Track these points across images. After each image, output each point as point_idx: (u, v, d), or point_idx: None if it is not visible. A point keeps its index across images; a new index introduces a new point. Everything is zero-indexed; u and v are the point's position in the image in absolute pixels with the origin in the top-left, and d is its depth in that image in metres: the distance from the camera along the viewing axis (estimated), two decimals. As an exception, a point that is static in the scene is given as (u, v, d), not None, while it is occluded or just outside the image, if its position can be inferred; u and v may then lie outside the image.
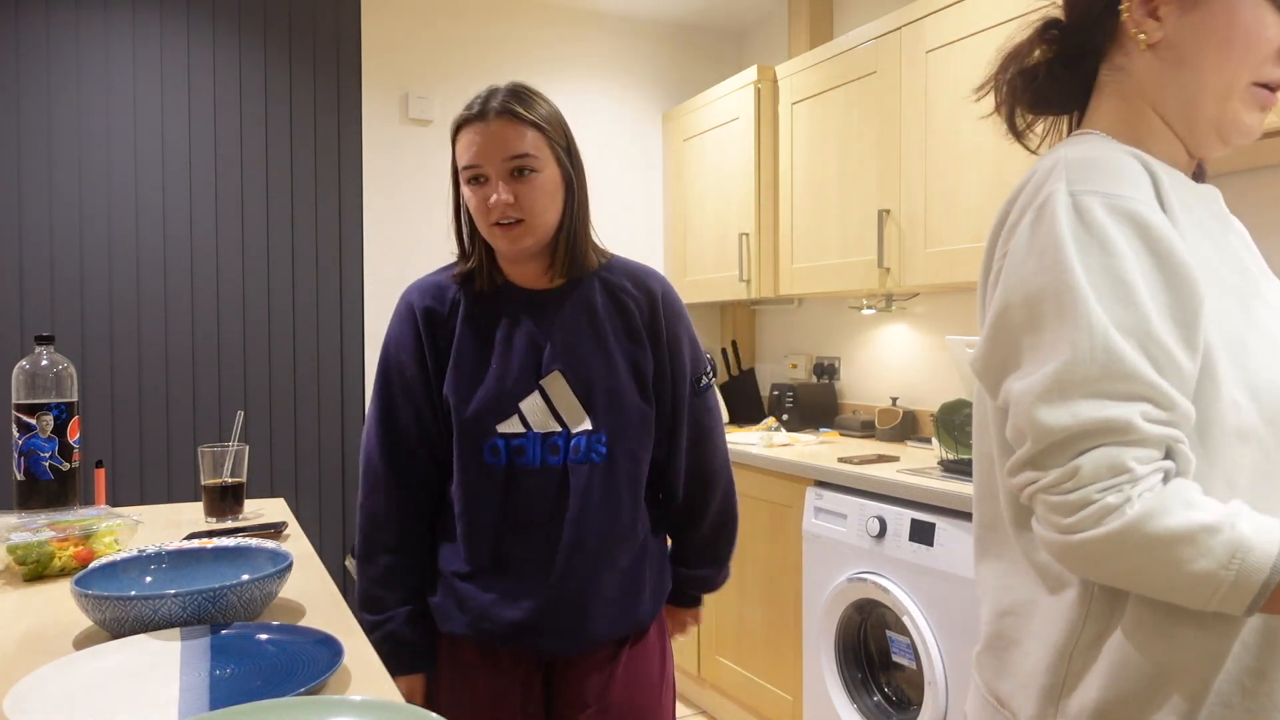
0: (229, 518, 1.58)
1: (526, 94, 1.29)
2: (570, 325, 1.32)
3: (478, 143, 1.25)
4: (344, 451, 3.19)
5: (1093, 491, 0.72)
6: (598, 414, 1.29)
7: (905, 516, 2.09)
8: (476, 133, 1.26)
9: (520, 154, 1.25)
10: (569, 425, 1.29)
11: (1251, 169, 2.05)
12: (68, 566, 1.22)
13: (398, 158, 3.26)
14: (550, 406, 1.29)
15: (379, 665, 0.90)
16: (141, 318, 2.91)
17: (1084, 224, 0.77)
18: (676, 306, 1.39)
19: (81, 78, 2.82)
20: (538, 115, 1.27)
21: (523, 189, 1.25)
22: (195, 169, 2.97)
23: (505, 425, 1.28)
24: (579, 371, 1.30)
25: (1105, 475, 0.72)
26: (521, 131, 1.25)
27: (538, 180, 1.26)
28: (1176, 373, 0.74)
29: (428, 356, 1.32)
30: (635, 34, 3.69)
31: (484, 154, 1.25)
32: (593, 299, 1.34)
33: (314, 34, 3.12)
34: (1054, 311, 0.76)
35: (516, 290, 1.34)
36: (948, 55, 2.36)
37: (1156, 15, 0.85)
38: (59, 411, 1.53)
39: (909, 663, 2.10)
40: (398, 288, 3.25)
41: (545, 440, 1.28)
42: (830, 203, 2.82)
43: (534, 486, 1.28)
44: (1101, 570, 0.74)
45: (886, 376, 3.10)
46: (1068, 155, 0.82)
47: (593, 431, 1.29)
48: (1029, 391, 0.76)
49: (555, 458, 1.28)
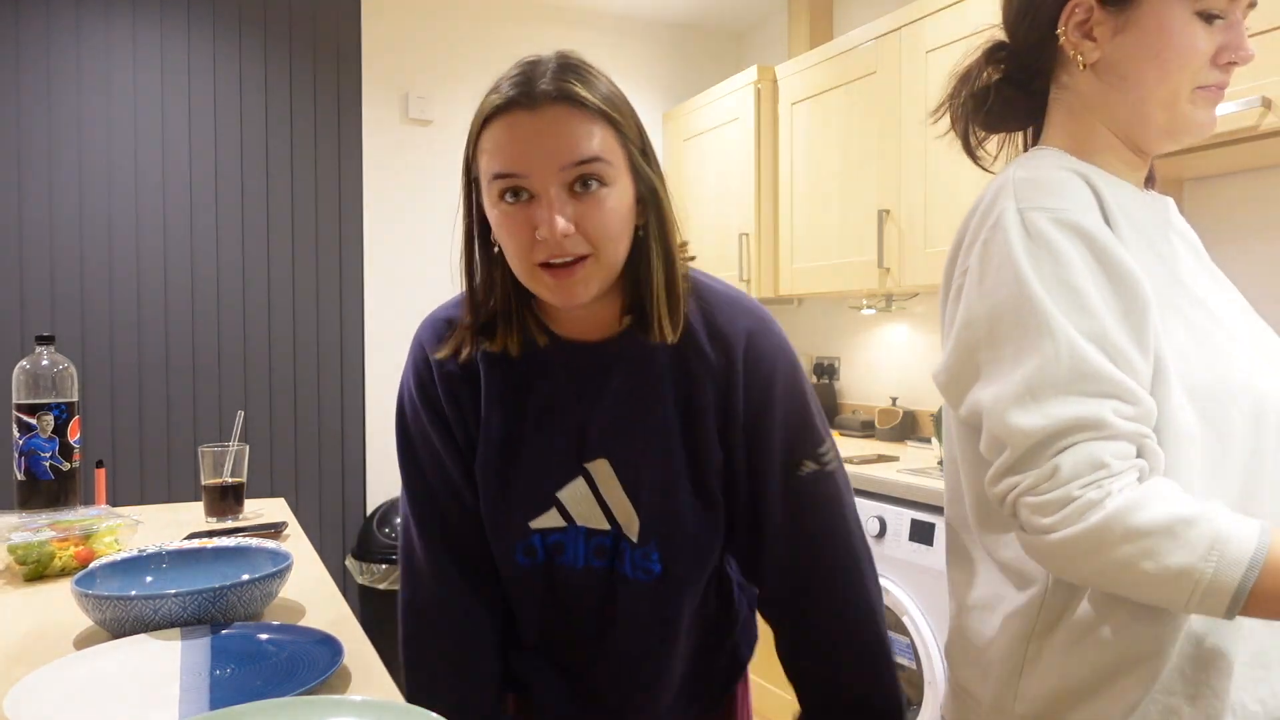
0: (229, 518, 1.58)
1: (584, 69, 0.87)
2: (625, 397, 0.97)
3: (520, 141, 0.85)
4: (344, 451, 3.19)
5: (1073, 489, 0.74)
6: (645, 521, 0.98)
7: (905, 516, 2.09)
8: (518, 126, 0.85)
9: (587, 158, 0.85)
10: (620, 524, 0.99)
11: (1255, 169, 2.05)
12: (68, 566, 1.22)
13: (398, 158, 3.26)
14: (598, 497, 0.99)
15: (379, 665, 0.90)
16: (142, 318, 2.91)
17: (1033, 238, 0.80)
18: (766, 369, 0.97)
19: (81, 78, 2.82)
20: (604, 100, 0.87)
21: (589, 210, 0.86)
22: (195, 169, 2.97)
23: (540, 520, 1.00)
24: (628, 465, 0.97)
25: (1085, 471, 0.74)
26: (587, 125, 0.85)
27: (609, 197, 0.86)
28: (1134, 373, 0.77)
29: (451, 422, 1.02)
30: (635, 34, 3.69)
31: (530, 158, 0.84)
32: (659, 363, 0.96)
33: (314, 34, 3.12)
34: (1015, 323, 0.78)
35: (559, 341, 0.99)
36: (948, 55, 2.36)
37: (1092, 36, 0.88)
38: (59, 411, 1.53)
39: (909, 663, 2.10)
40: (397, 287, 3.26)
41: (589, 538, 1.00)
42: (830, 203, 2.82)
43: (578, 590, 1.02)
44: (1082, 567, 0.75)
45: (886, 376, 3.10)
46: (1015, 176, 0.85)
47: (637, 545, 0.99)
48: (1000, 399, 0.78)
49: (601, 561, 1.00)
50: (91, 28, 2.82)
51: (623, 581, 1.00)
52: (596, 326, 0.98)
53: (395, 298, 3.26)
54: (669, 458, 0.97)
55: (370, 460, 3.23)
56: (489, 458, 1.00)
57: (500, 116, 0.87)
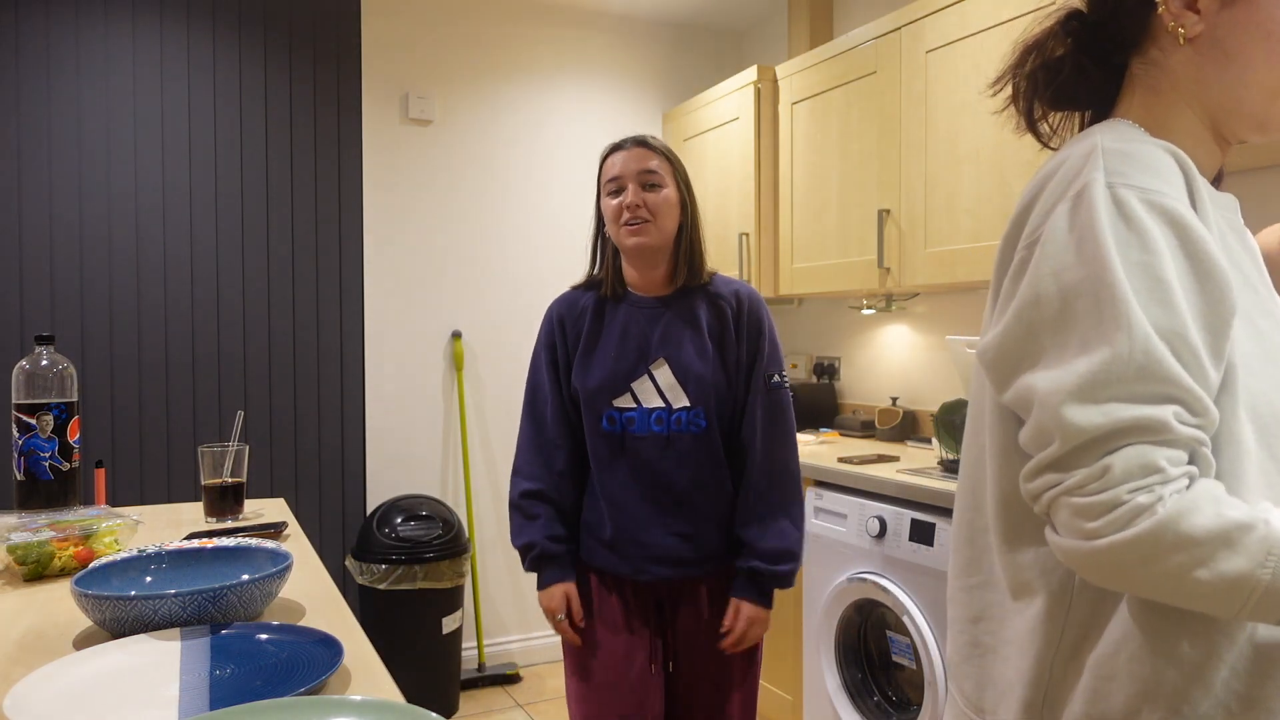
0: (229, 518, 1.58)
1: (653, 137, 1.69)
2: (675, 325, 1.65)
3: (619, 161, 1.63)
4: (344, 451, 3.19)
5: (1123, 492, 0.69)
6: (693, 395, 1.61)
7: (905, 516, 2.09)
8: (618, 155, 1.64)
9: (649, 170, 1.61)
10: (670, 403, 1.62)
11: (1256, 169, 2.05)
12: (68, 566, 1.22)
13: (398, 158, 3.26)
14: (656, 387, 1.62)
15: (379, 665, 0.90)
16: (141, 317, 2.91)
17: (1123, 218, 0.73)
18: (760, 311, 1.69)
19: (81, 77, 2.82)
20: (662, 147, 1.66)
21: (650, 196, 1.61)
22: (195, 169, 2.97)
23: (620, 400, 1.63)
24: (680, 362, 1.62)
25: (1136, 475, 0.69)
26: (650, 154, 1.63)
27: (662, 193, 1.62)
28: (1205, 381, 0.71)
29: (558, 351, 1.70)
30: (635, 34, 3.69)
31: (623, 169, 1.62)
32: (696, 305, 1.66)
33: (314, 34, 3.12)
34: (1090, 308, 0.72)
35: (635, 297, 1.68)
36: (948, 55, 2.36)
37: (1195, 8, 0.80)
38: (59, 411, 1.53)
39: (909, 663, 2.10)
40: (398, 287, 3.26)
41: (651, 414, 1.62)
42: (830, 203, 2.82)
43: (644, 447, 1.61)
44: (1130, 577, 0.70)
45: (886, 376, 3.10)
46: (1104, 144, 0.77)
47: (690, 407, 1.61)
48: (1058, 390, 0.72)
49: (659, 427, 1.62)
50: (91, 28, 2.82)
51: (679, 438, 1.62)
52: (656, 286, 1.69)
53: (395, 297, 3.26)
54: (705, 354, 1.63)
55: (370, 460, 3.23)
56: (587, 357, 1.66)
57: (613, 153, 1.66)
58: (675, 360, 1.62)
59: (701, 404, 1.61)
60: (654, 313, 1.66)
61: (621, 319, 1.67)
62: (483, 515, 3.41)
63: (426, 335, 3.31)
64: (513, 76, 3.45)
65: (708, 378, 1.62)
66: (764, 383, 1.65)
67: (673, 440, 1.62)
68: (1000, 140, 2.21)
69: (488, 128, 3.41)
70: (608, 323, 1.67)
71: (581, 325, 1.68)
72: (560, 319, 1.71)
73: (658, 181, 1.62)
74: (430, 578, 2.90)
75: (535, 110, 3.49)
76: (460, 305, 3.36)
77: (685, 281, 1.67)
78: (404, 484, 3.29)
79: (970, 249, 2.30)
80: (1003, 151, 2.20)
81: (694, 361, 1.62)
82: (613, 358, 1.64)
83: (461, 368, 3.35)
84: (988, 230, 2.25)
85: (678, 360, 1.62)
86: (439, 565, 2.92)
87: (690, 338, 1.64)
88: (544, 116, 3.50)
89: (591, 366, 1.65)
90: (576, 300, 1.71)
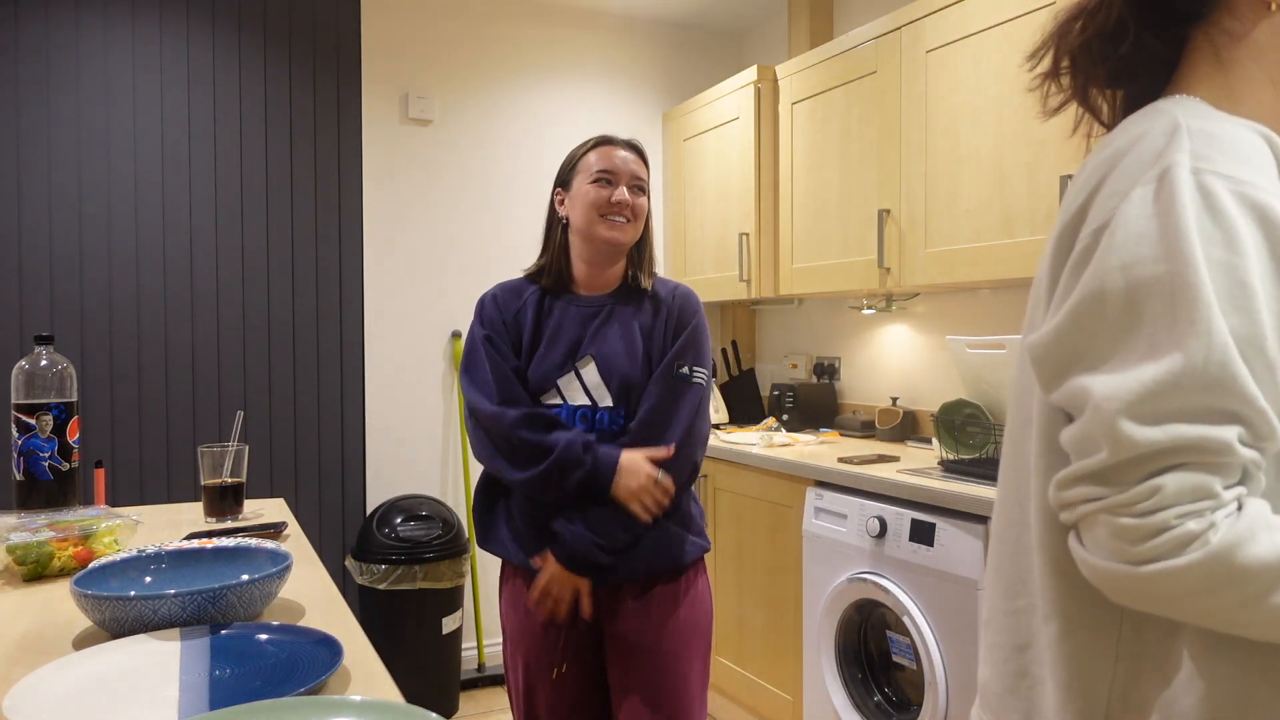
0: (229, 518, 1.58)
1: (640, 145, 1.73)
2: (609, 324, 1.65)
3: (617, 157, 1.65)
4: (344, 451, 3.18)
5: (1171, 516, 0.62)
6: (616, 394, 1.61)
7: (905, 516, 2.08)
8: (615, 151, 1.66)
9: (640, 179, 1.68)
10: (596, 401, 1.61)
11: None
12: (67, 566, 1.22)
13: (398, 158, 3.26)
14: (582, 385, 1.62)
15: (379, 665, 0.90)
16: (141, 317, 2.91)
17: (1209, 211, 0.65)
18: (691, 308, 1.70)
19: (81, 78, 2.82)
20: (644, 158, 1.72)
21: (636, 200, 1.67)
22: (195, 168, 2.97)
23: (546, 397, 1.62)
24: (606, 359, 1.63)
25: (1188, 498, 0.63)
26: (643, 165, 1.70)
27: (644, 200, 1.69)
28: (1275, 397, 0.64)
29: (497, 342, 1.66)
30: (635, 34, 3.68)
31: (619, 167, 1.65)
32: (634, 306, 1.68)
33: (314, 34, 3.11)
34: (1164, 309, 0.64)
35: (575, 295, 1.70)
36: (948, 55, 2.36)
37: None
38: (58, 411, 1.53)
39: (909, 663, 2.10)
40: (397, 287, 3.26)
41: (575, 411, 1.61)
42: (830, 203, 2.82)
43: None
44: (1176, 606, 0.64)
45: (886, 376, 3.10)
46: (1188, 123, 0.69)
47: (613, 408, 1.62)
48: (1115, 396, 0.65)
49: (583, 425, 1.61)
50: (91, 28, 2.82)
51: (602, 436, 1.61)
52: (604, 284, 1.70)
53: (395, 297, 3.26)
54: (634, 354, 1.64)
55: (370, 460, 3.23)
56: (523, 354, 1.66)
57: (606, 145, 1.68)
58: (602, 359, 1.63)
59: (625, 404, 1.61)
60: (591, 311, 1.67)
61: (558, 315, 1.67)
62: (483, 515, 3.40)
63: (426, 335, 3.31)
64: (513, 76, 3.44)
65: (634, 377, 1.62)
66: (669, 369, 1.62)
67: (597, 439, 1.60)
68: (1000, 140, 2.21)
69: (488, 128, 3.40)
70: (544, 318, 1.68)
71: (524, 320, 1.68)
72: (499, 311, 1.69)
73: (643, 188, 1.69)
74: (430, 578, 2.90)
75: (535, 110, 3.49)
76: (460, 305, 3.35)
77: (634, 283, 1.69)
78: (404, 484, 3.29)
79: (970, 249, 2.30)
80: (1003, 151, 2.20)
81: (620, 360, 1.62)
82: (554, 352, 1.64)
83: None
84: (988, 230, 2.25)
85: (604, 359, 1.63)
86: (439, 565, 2.92)
87: (621, 336, 1.64)
88: (544, 116, 3.50)
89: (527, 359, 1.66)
90: (518, 289, 1.72)
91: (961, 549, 1.94)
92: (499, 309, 1.69)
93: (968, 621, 1.92)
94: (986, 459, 2.12)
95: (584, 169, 1.66)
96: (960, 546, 1.94)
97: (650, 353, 1.65)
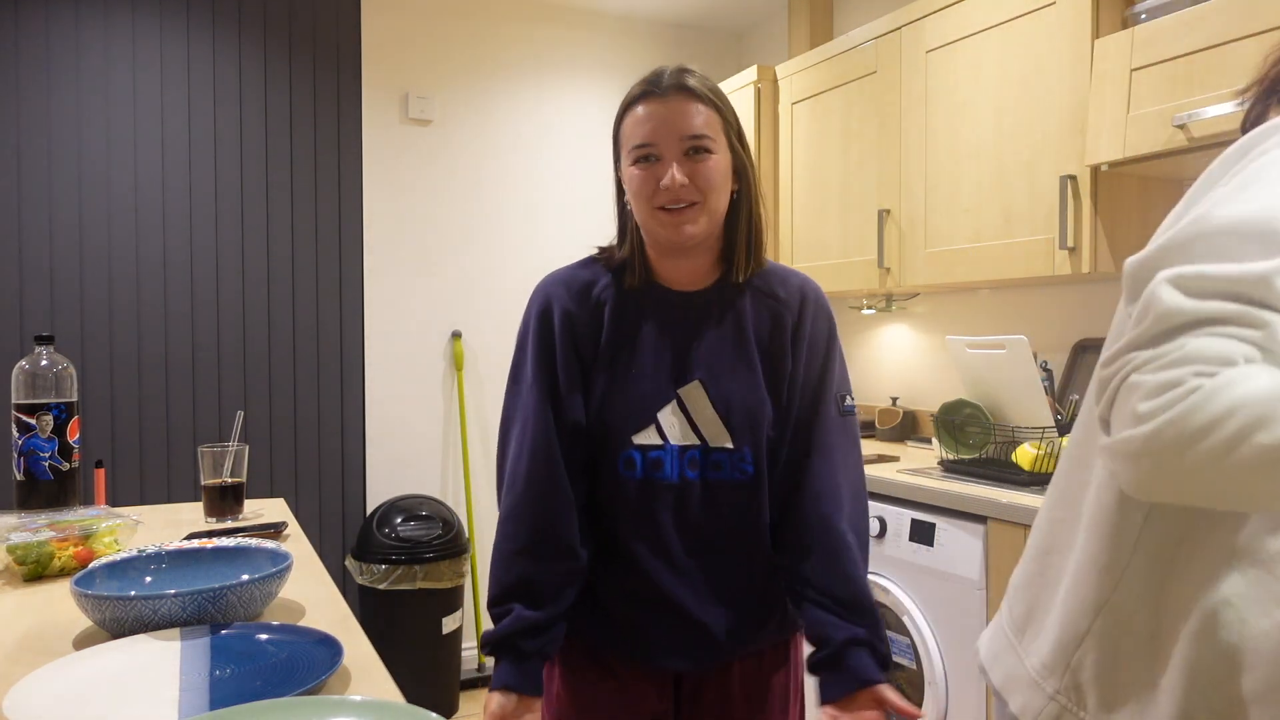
0: (229, 518, 1.58)
1: (696, 71, 1.19)
2: (716, 333, 1.23)
3: (653, 119, 1.16)
4: (344, 451, 3.18)
5: (1187, 372, 0.60)
6: (737, 432, 1.20)
7: (905, 516, 2.09)
8: (650, 109, 1.16)
9: (697, 134, 1.15)
10: (707, 439, 1.20)
11: None
12: (68, 566, 1.22)
13: (398, 158, 3.26)
14: (688, 418, 1.20)
15: (379, 665, 0.90)
16: (141, 317, 2.91)
17: None
18: (827, 312, 1.28)
19: (81, 78, 2.82)
20: (709, 90, 1.18)
21: (698, 169, 1.16)
22: (195, 169, 2.97)
23: (642, 436, 1.20)
24: (720, 385, 1.20)
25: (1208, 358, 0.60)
26: (698, 109, 1.16)
27: (713, 162, 1.16)
28: None
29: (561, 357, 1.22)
30: (635, 34, 3.68)
31: (658, 131, 1.15)
32: (742, 306, 1.24)
33: (314, 34, 3.12)
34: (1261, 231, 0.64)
35: (663, 290, 1.24)
36: (948, 55, 2.36)
37: None
38: (59, 411, 1.53)
39: (909, 663, 2.10)
40: (398, 287, 3.26)
41: (682, 454, 1.19)
42: (830, 203, 2.82)
43: (675, 501, 1.19)
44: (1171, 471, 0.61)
45: (886, 376, 3.10)
46: None
47: (732, 450, 1.20)
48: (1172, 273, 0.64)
49: (694, 472, 1.20)
50: (91, 28, 2.82)
51: (718, 487, 1.20)
52: (693, 278, 1.25)
53: (395, 297, 3.26)
54: (753, 375, 1.21)
55: (370, 460, 3.23)
56: (601, 376, 1.21)
57: (639, 103, 1.18)
58: (714, 382, 1.20)
59: (749, 443, 1.20)
60: (689, 315, 1.23)
61: (647, 323, 1.23)
62: (482, 515, 3.41)
63: (426, 335, 3.31)
64: (513, 76, 3.44)
65: (757, 408, 1.20)
66: (836, 407, 1.24)
67: (711, 490, 1.20)
68: (1000, 140, 2.21)
69: (488, 128, 3.41)
70: (633, 325, 1.23)
71: (599, 325, 1.23)
72: (568, 314, 1.23)
73: (707, 146, 1.16)
74: (430, 578, 2.90)
75: (535, 110, 3.49)
76: (460, 305, 3.36)
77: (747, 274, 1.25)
78: (404, 484, 3.29)
79: (970, 249, 2.30)
80: (1002, 151, 2.20)
81: (739, 385, 1.20)
82: (646, 376, 1.21)
83: (461, 368, 3.35)
84: (988, 230, 2.25)
85: (717, 382, 1.20)
86: (439, 565, 2.92)
87: (734, 351, 1.22)
88: (544, 116, 3.50)
89: (614, 386, 1.21)
90: (587, 286, 1.25)
91: (961, 549, 1.94)
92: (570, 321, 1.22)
93: (968, 621, 1.92)
94: (986, 459, 2.12)
95: (625, 141, 1.21)
96: (960, 546, 1.94)
97: (774, 375, 1.23)
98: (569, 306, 1.23)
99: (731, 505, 1.21)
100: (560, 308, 1.23)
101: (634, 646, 1.22)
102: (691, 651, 1.21)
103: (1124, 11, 1.97)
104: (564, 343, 1.22)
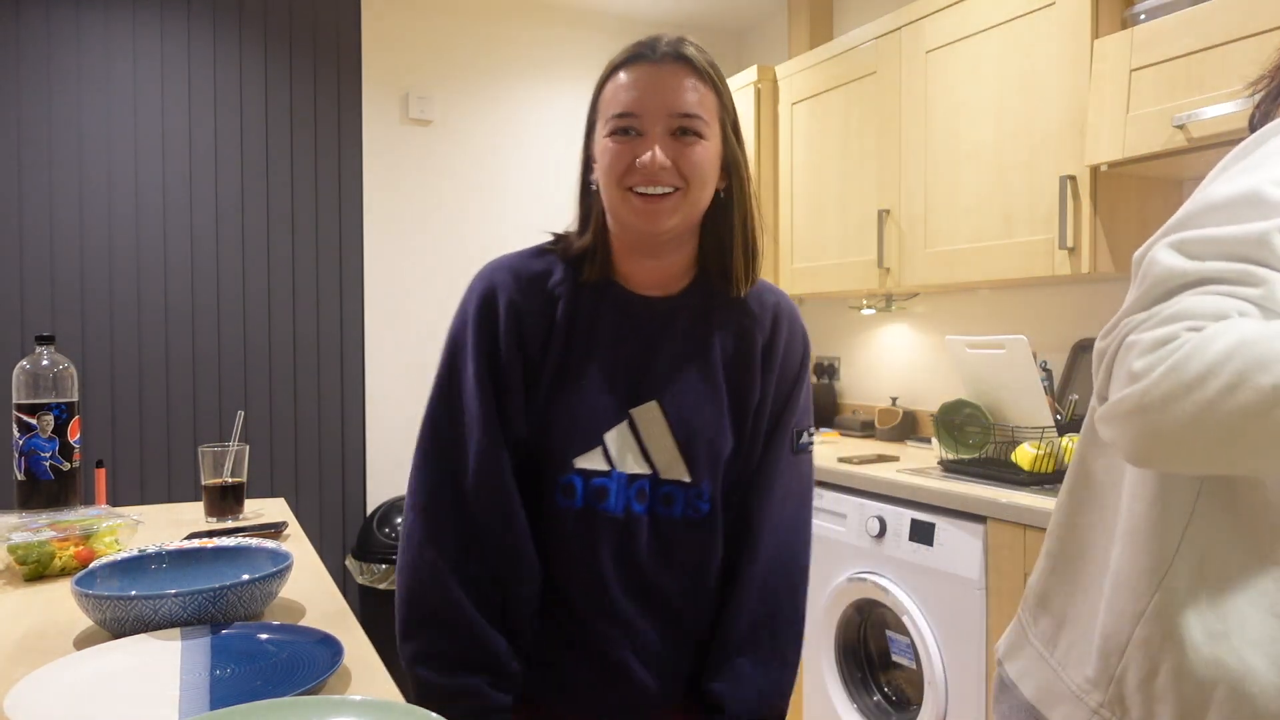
0: (229, 518, 1.58)
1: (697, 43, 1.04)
2: (679, 348, 1.07)
3: (639, 87, 0.99)
4: (344, 451, 3.19)
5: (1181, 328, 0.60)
6: (696, 464, 1.05)
7: (905, 516, 2.09)
8: (638, 75, 1.00)
9: (688, 112, 0.99)
10: (659, 469, 1.05)
11: None
12: (68, 566, 1.22)
13: (398, 158, 3.26)
14: (639, 443, 1.04)
15: (379, 665, 0.90)
16: (142, 317, 2.91)
17: None
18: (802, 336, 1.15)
19: (81, 77, 2.82)
20: (707, 65, 1.02)
21: (685, 153, 0.99)
22: (195, 168, 2.97)
23: (584, 460, 1.03)
24: (680, 409, 1.05)
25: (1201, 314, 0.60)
26: (694, 84, 1.00)
27: (702, 148, 1.00)
28: None
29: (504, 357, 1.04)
30: (635, 34, 3.65)
31: (644, 101, 0.99)
32: (711, 320, 1.09)
33: (314, 34, 3.12)
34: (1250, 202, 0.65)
35: (623, 291, 1.08)
36: (948, 55, 2.36)
37: None
38: (59, 411, 1.53)
39: (909, 663, 2.10)
40: (397, 287, 3.26)
41: (630, 482, 1.04)
42: (830, 203, 2.82)
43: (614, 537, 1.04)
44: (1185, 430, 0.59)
45: (886, 376, 3.10)
46: None
47: (690, 484, 1.05)
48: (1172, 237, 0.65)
49: (640, 505, 1.04)
50: (91, 28, 2.82)
51: (669, 524, 1.05)
52: (661, 281, 1.09)
53: (395, 297, 3.26)
54: (716, 401, 1.06)
55: (370, 460, 3.23)
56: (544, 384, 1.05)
57: (626, 66, 1.02)
58: (674, 405, 1.05)
59: (708, 477, 1.06)
60: (652, 323, 1.07)
61: (602, 327, 1.06)
62: (483, 515, 3.40)
63: (427, 335, 3.31)
64: (513, 76, 3.44)
65: (718, 439, 1.06)
66: (790, 443, 1.11)
67: (660, 527, 1.05)
68: (999, 140, 2.21)
69: (488, 128, 3.41)
70: (586, 329, 1.05)
71: (548, 324, 1.05)
72: (514, 305, 1.04)
73: (698, 129, 1.00)
74: (430, 577, 2.90)
75: (536, 110, 3.49)
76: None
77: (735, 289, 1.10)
78: (404, 484, 3.28)
79: (970, 249, 2.30)
80: (1002, 151, 2.20)
81: (702, 411, 1.05)
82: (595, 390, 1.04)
83: (461, 368, 3.35)
84: (988, 230, 2.25)
85: (678, 406, 1.05)
86: (439, 565, 2.92)
87: (698, 371, 1.06)
88: (544, 116, 3.50)
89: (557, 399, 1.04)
90: (538, 278, 1.06)
91: (961, 549, 1.94)
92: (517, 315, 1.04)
93: (967, 621, 1.92)
94: (986, 459, 2.12)
95: (603, 109, 1.03)
96: (960, 546, 1.94)
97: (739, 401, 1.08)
98: (515, 298, 1.04)
99: (681, 545, 1.06)
100: (506, 297, 1.04)
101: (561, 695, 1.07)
102: (621, 708, 1.07)
103: (1123, 12, 1.97)
104: (508, 339, 1.03)
